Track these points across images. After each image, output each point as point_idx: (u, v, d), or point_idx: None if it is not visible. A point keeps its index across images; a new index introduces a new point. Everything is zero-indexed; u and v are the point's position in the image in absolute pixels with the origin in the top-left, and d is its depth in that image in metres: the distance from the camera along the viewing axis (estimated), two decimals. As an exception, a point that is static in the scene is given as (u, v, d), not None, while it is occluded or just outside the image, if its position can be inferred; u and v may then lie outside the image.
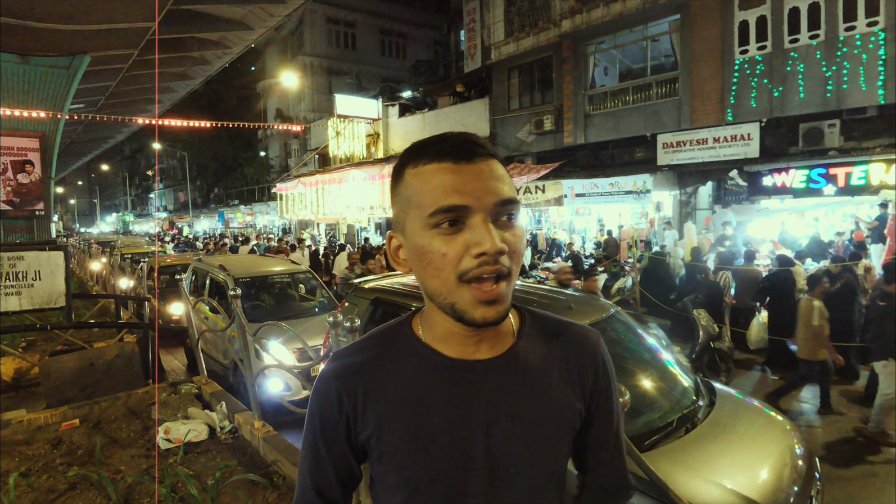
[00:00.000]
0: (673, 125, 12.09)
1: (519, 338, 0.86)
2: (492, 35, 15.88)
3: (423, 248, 0.74)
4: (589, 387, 0.89)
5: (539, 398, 0.84)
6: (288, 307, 6.74)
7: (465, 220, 0.73)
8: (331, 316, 2.59)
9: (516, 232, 0.75)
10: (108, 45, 12.11)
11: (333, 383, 0.85)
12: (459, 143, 0.75)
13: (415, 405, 0.81)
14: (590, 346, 0.90)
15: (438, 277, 0.74)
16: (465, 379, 0.81)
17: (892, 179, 8.95)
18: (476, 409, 0.81)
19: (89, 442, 4.09)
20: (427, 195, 0.74)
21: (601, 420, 0.92)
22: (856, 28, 9.58)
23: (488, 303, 0.73)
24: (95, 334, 7.31)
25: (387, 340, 0.87)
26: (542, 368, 0.85)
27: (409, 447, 0.81)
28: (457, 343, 0.82)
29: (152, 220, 53.00)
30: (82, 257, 17.27)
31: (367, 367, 0.84)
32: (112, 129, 25.27)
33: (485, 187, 0.73)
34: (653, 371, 3.12)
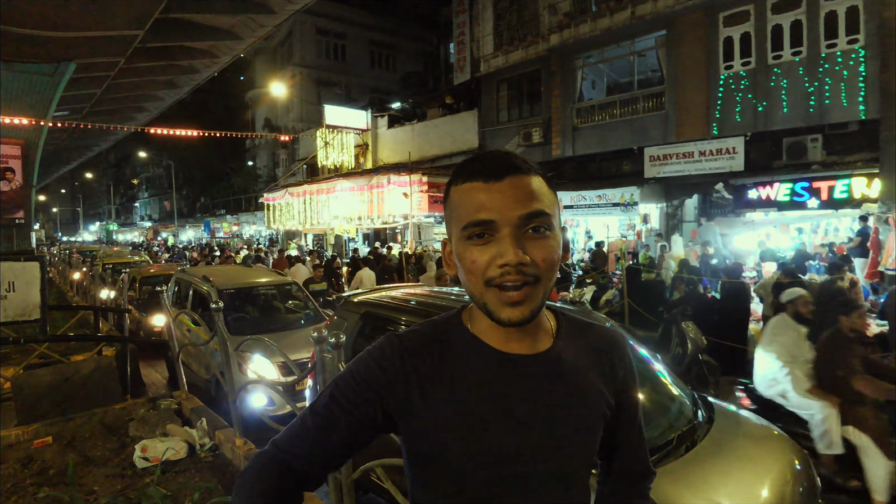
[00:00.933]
0: (659, 138, 12.22)
1: (558, 337, 0.94)
2: (481, 48, 16.02)
3: (460, 255, 0.86)
4: (619, 381, 0.98)
5: (578, 391, 0.91)
6: (273, 319, 6.58)
7: (494, 233, 0.82)
8: (315, 331, 2.51)
9: (547, 242, 0.83)
10: (94, 53, 11.99)
11: (395, 357, 0.88)
12: (491, 163, 0.84)
13: (464, 392, 0.87)
14: (619, 346, 1.00)
15: (471, 281, 0.84)
16: (515, 370, 0.88)
17: (874, 193, 9.10)
18: (524, 398, 0.87)
19: (62, 461, 3.93)
20: (462, 210, 0.84)
21: (627, 411, 1.01)
22: (837, 45, 9.79)
23: (512, 304, 0.81)
24: (73, 347, 7.11)
25: (443, 329, 0.94)
26: (580, 365, 0.94)
27: (457, 431, 0.85)
28: (500, 338, 0.90)
29: (137, 229, 52.33)
30: (63, 267, 16.93)
31: (426, 350, 0.90)
32: (97, 137, 24.99)
33: (510, 203, 0.81)
34: (651, 387, 3.04)
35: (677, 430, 2.67)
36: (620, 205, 12.06)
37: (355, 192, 16.41)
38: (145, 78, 15.68)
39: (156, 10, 10.26)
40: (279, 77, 26.02)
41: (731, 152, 11.02)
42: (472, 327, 0.92)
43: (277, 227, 22.37)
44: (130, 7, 10.13)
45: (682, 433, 2.66)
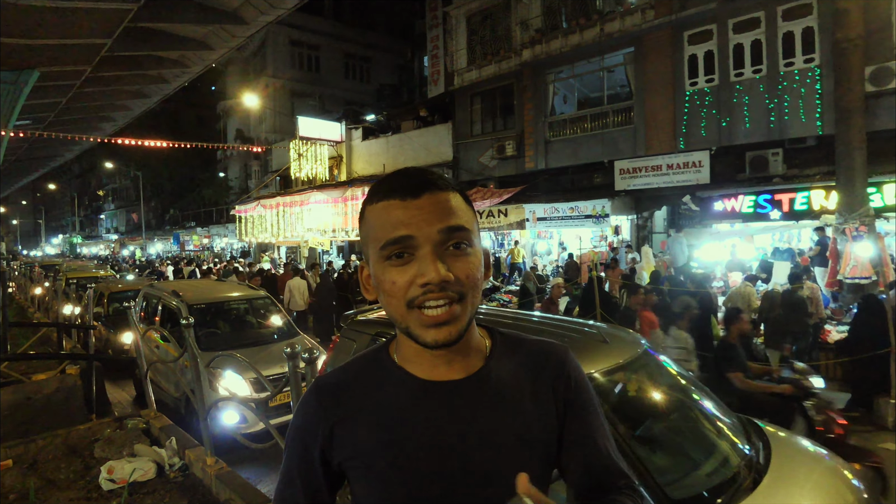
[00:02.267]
0: (629, 152, 12.54)
1: (490, 358, 0.90)
2: (455, 62, 16.21)
3: (378, 277, 0.81)
4: (560, 400, 0.91)
5: (510, 416, 0.86)
6: (245, 334, 6.43)
7: (414, 252, 0.78)
8: (288, 347, 2.50)
9: (468, 259, 0.80)
10: (59, 61, 11.69)
11: (313, 406, 0.89)
12: (407, 180, 0.81)
13: (391, 426, 0.84)
14: (558, 361, 0.94)
15: (391, 305, 0.81)
16: (438, 399, 0.85)
17: (832, 205, 9.50)
18: (450, 427, 0.84)
19: (23, 485, 3.78)
20: (378, 230, 0.80)
21: (578, 430, 0.92)
22: (794, 64, 10.26)
23: (437, 325, 0.78)
24: (35, 365, 6.83)
25: (365, 365, 0.92)
26: (514, 386, 0.88)
27: (384, 467, 0.83)
28: (427, 364, 0.86)
29: (102, 242, 50.72)
30: (24, 282, 16.30)
31: (346, 391, 0.89)
32: (61, 147, 24.25)
33: (428, 219, 0.78)
34: (699, 415, 2.78)
35: (736, 463, 2.43)
36: (592, 217, 12.29)
37: (329, 204, 16.32)
38: (113, 87, 15.32)
39: (124, 19, 10.07)
40: (252, 88, 25.77)
41: (697, 165, 11.37)
42: (398, 356, 0.89)
43: (249, 240, 22.04)
44: (97, 16, 9.92)
45: (743, 465, 2.42)
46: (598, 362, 2.55)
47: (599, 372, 2.49)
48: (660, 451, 2.42)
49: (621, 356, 2.68)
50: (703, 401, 2.88)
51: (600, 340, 2.79)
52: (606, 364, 2.57)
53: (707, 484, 2.25)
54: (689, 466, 2.39)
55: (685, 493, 2.15)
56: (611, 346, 2.76)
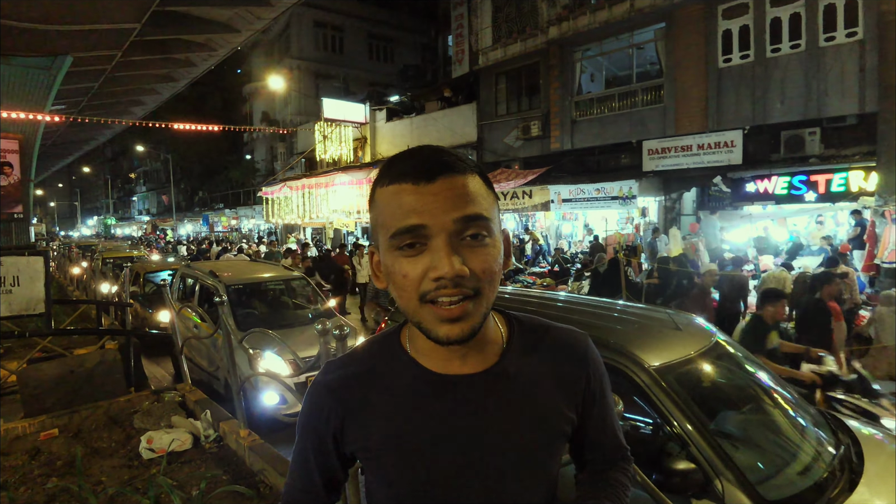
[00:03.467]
0: (658, 132, 12.24)
1: (507, 349, 0.86)
2: (479, 41, 15.97)
3: (388, 267, 0.76)
4: (580, 393, 0.89)
5: (527, 410, 0.84)
6: (282, 315, 6.45)
7: (427, 242, 0.72)
8: (319, 324, 2.56)
9: (485, 250, 0.74)
10: (90, 46, 11.93)
11: (323, 395, 0.87)
12: (421, 162, 0.74)
13: (402, 419, 0.82)
14: (579, 352, 0.90)
15: (402, 297, 0.76)
16: (452, 394, 0.82)
17: (871, 186, 9.15)
18: (464, 423, 0.81)
19: (69, 452, 3.99)
20: (388, 216, 0.74)
21: (596, 423, 0.93)
22: (835, 38, 9.80)
23: (451, 321, 0.73)
24: (76, 341, 7.15)
25: (377, 353, 0.88)
26: (531, 379, 0.85)
27: (395, 459, 0.82)
28: (441, 358, 0.82)
29: (135, 223, 52.21)
30: (62, 261, 16.94)
31: (356, 380, 0.86)
32: (94, 131, 24.89)
33: (443, 206, 0.72)
34: (780, 408, 2.62)
35: (828, 462, 2.27)
36: (619, 198, 12.09)
37: (354, 185, 16.44)
38: (142, 72, 15.59)
39: (153, 3, 10.20)
40: (277, 70, 25.90)
41: (729, 145, 11.04)
42: (411, 347, 0.86)
43: (276, 221, 22.38)
44: (126, 0, 10.08)
45: (836, 464, 2.26)
46: (673, 350, 2.46)
47: (674, 361, 2.39)
48: (744, 446, 2.28)
49: (696, 344, 2.58)
50: (782, 392, 2.70)
51: (673, 327, 2.69)
52: (681, 353, 2.47)
53: (801, 484, 2.10)
54: (778, 465, 2.24)
55: (779, 493, 2.02)
56: (684, 334, 2.67)
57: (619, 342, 2.42)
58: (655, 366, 2.30)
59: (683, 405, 2.18)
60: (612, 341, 2.42)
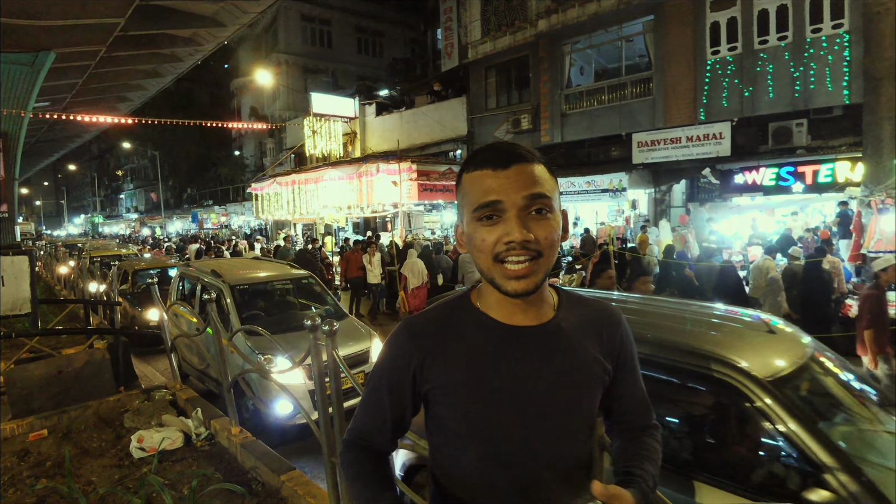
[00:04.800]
0: (647, 124, 12.28)
1: (558, 310, 1.04)
2: (468, 34, 15.91)
3: (471, 235, 0.96)
4: (616, 350, 1.08)
5: (577, 359, 1.02)
6: (291, 317, 5.92)
7: (501, 215, 0.92)
8: (309, 320, 2.54)
9: (548, 223, 0.93)
10: (73, 42, 11.73)
11: (405, 339, 1.03)
12: (498, 153, 0.94)
13: (472, 362, 0.98)
14: (615, 318, 1.10)
15: (481, 258, 0.95)
16: (518, 341, 0.99)
17: (857, 177, 9.24)
18: (527, 366, 0.98)
19: (58, 453, 3.95)
20: (472, 195, 0.95)
21: (627, 377, 1.11)
22: (822, 30, 9.87)
23: (517, 278, 0.92)
24: (64, 341, 7.07)
25: (451, 310, 1.06)
26: (579, 335, 1.04)
27: (467, 396, 0.98)
28: (507, 311, 1.00)
29: (123, 221, 51.63)
30: (49, 261, 16.73)
31: (435, 329, 1.03)
32: (79, 128, 24.52)
33: (515, 187, 0.91)
34: (882, 423, 2.26)
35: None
36: (609, 191, 12.15)
37: (344, 180, 16.32)
38: (128, 67, 15.36)
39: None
40: (264, 65, 25.64)
41: (717, 137, 11.11)
42: (481, 304, 1.03)
43: (266, 218, 22.22)
44: (111, -6, 9.92)
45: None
46: (781, 358, 2.20)
47: (787, 371, 2.13)
48: (870, 467, 1.95)
49: (799, 349, 2.33)
50: (870, 398, 2.45)
51: (766, 330, 2.48)
52: (790, 360, 2.20)
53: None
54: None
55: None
56: (781, 337, 2.46)
57: (720, 351, 2.15)
58: (770, 378, 2.05)
59: (811, 425, 1.93)
60: (712, 350, 2.16)
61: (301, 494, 3.05)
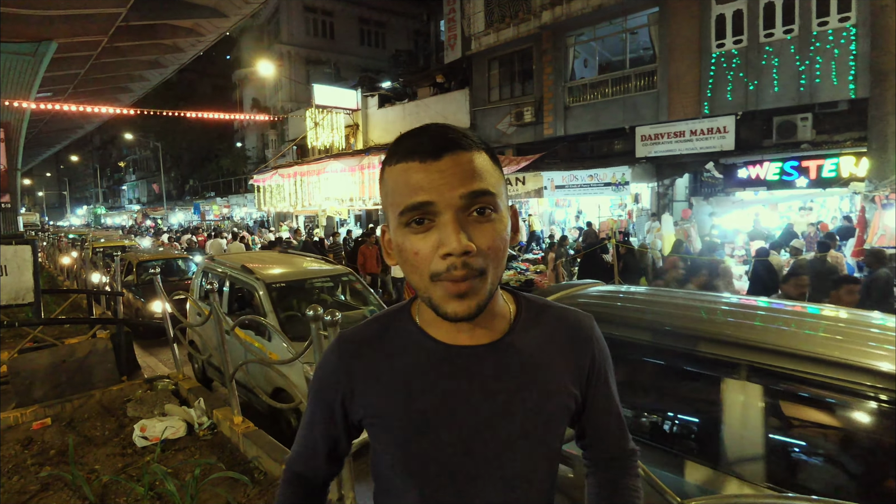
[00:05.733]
0: (651, 118, 12.21)
1: (515, 324, 0.88)
2: (472, 25, 15.80)
3: (399, 245, 0.78)
4: (585, 371, 0.91)
5: (533, 384, 0.85)
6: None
7: (435, 219, 0.74)
8: (310, 310, 2.54)
9: (493, 226, 0.76)
10: (75, 32, 11.69)
11: (333, 362, 0.90)
12: (428, 140, 0.76)
13: (409, 388, 0.84)
14: (584, 332, 0.92)
15: (414, 274, 0.78)
16: (460, 364, 0.83)
17: (862, 172, 9.20)
18: (470, 393, 0.83)
19: (62, 441, 3.98)
20: (397, 194, 0.76)
21: (600, 403, 0.95)
22: (828, 23, 9.77)
23: (458, 296, 0.75)
24: (67, 331, 7.11)
25: (387, 324, 0.90)
26: (537, 354, 0.87)
27: (402, 429, 0.83)
28: (451, 329, 0.84)
29: (125, 212, 51.70)
30: (52, 251, 16.77)
31: (367, 349, 0.88)
32: (81, 119, 24.49)
33: (450, 182, 0.73)
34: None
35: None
36: (612, 184, 12.10)
37: (346, 172, 16.31)
38: (130, 58, 15.31)
39: (139, -13, 10.02)
40: (267, 56, 25.54)
41: (721, 131, 11.05)
42: (420, 319, 0.87)
43: (268, 210, 22.23)
44: (112, -17, 9.88)
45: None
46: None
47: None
48: None
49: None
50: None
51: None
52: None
53: None
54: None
55: None
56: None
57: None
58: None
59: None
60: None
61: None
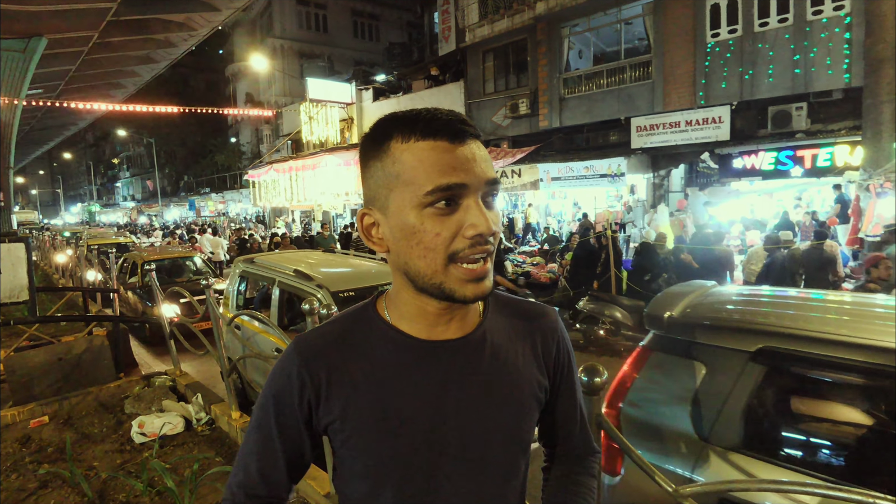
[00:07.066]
0: (646, 108, 12.20)
1: (485, 317, 0.87)
2: (466, 17, 15.71)
3: (413, 227, 0.73)
4: (552, 361, 0.92)
5: (507, 376, 0.85)
6: None
7: (460, 201, 0.73)
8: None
9: (496, 214, 0.77)
10: (65, 27, 11.58)
11: (295, 366, 0.81)
12: (452, 122, 0.74)
13: (382, 388, 0.80)
14: (550, 324, 0.93)
15: (426, 258, 0.73)
16: (434, 360, 0.81)
17: (856, 161, 9.22)
18: (445, 389, 0.80)
19: (60, 438, 3.98)
20: (422, 173, 0.71)
21: (566, 393, 0.95)
22: (823, 12, 9.76)
23: (476, 279, 0.74)
24: (63, 328, 7.09)
25: (352, 323, 0.86)
26: (508, 346, 0.87)
27: (376, 431, 0.79)
28: (426, 323, 0.81)
29: (120, 209, 51.45)
30: (47, 249, 16.70)
31: (332, 349, 0.82)
32: (74, 116, 24.32)
33: (478, 168, 0.73)
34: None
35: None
36: (608, 176, 12.10)
37: (342, 166, 16.26)
38: (121, 53, 15.19)
39: (129, -19, 9.92)
40: (259, 50, 25.35)
41: (716, 121, 11.05)
42: (391, 315, 0.84)
43: (264, 205, 22.16)
44: (102, -22, 9.79)
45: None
46: None
47: None
48: None
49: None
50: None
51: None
52: None
53: None
54: None
55: None
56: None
57: None
58: None
59: None
60: None
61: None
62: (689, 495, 1.41)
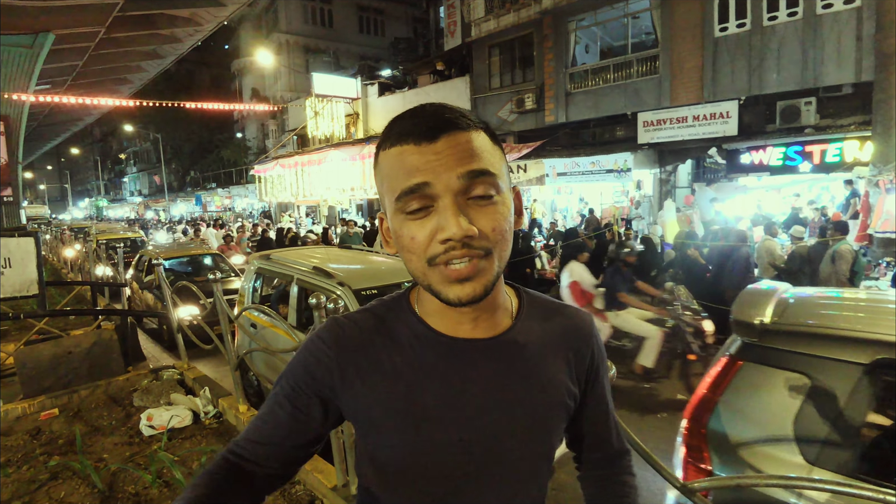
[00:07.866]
0: (653, 103, 12.13)
1: (517, 319, 0.85)
2: (472, 11, 15.65)
3: (396, 231, 0.74)
4: (584, 369, 0.90)
5: (535, 380, 0.82)
6: None
7: (433, 203, 0.70)
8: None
9: (495, 209, 0.72)
10: (72, 23, 11.62)
11: (323, 348, 0.81)
12: (422, 122, 0.71)
13: (408, 381, 0.78)
14: (586, 329, 0.91)
15: (411, 261, 0.74)
16: (462, 358, 0.80)
17: (866, 156, 9.13)
18: (471, 388, 0.79)
19: (70, 431, 4.02)
20: (393, 179, 0.72)
21: (596, 401, 0.93)
22: (833, 6, 9.65)
23: (460, 280, 0.71)
24: (72, 322, 7.15)
25: (384, 315, 0.84)
26: (539, 350, 0.84)
27: (399, 424, 0.78)
28: (452, 320, 0.80)
29: (127, 204, 51.74)
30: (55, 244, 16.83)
31: (363, 337, 0.81)
32: (81, 111, 24.44)
33: (447, 163, 0.69)
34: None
35: None
36: (614, 171, 12.05)
37: (347, 162, 16.25)
38: (128, 48, 15.24)
39: (135, -24, 9.94)
40: (265, 45, 25.37)
41: (724, 116, 10.96)
42: (420, 309, 0.83)
43: (269, 200, 22.20)
44: (109, -27, 9.80)
45: None
46: None
47: None
48: None
49: None
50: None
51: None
52: None
53: None
54: None
55: None
56: None
57: None
58: None
59: None
60: None
61: (308, 470, 3.10)
62: (698, 490, 1.41)
